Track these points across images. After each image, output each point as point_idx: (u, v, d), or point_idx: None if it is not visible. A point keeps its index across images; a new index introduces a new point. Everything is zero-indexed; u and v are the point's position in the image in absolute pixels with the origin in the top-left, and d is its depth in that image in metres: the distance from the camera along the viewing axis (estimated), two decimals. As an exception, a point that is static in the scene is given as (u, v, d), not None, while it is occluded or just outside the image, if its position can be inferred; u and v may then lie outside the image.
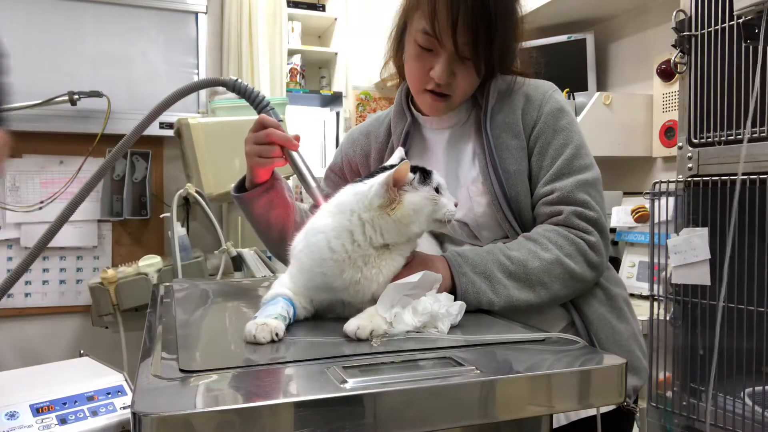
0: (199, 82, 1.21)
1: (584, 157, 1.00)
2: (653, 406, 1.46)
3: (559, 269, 0.93)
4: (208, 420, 0.52)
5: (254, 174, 1.10)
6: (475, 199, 1.03)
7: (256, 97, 1.13)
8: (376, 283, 0.82)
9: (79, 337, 2.70)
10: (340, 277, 0.82)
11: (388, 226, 0.82)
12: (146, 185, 2.70)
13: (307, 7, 3.40)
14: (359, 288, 0.82)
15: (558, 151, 1.00)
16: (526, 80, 1.08)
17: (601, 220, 0.98)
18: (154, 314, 0.97)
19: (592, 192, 0.99)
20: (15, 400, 1.26)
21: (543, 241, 0.95)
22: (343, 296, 0.84)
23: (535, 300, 0.92)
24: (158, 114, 1.13)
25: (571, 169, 0.99)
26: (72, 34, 2.66)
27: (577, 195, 0.97)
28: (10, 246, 2.61)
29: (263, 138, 1.06)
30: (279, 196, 1.14)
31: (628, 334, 1.01)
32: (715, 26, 1.33)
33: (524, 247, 0.95)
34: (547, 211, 0.99)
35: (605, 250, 0.99)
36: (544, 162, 1.01)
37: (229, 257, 2.20)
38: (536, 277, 0.92)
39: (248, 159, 1.08)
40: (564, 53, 2.42)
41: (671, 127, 2.10)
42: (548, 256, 0.93)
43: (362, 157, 1.19)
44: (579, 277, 0.95)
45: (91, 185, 1.10)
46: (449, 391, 0.59)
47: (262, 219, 1.14)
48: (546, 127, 1.01)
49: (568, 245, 0.95)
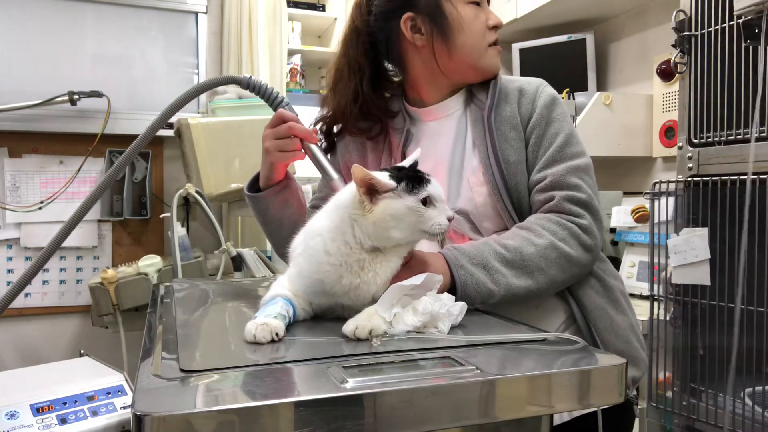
0: (214, 80, 1.20)
1: (575, 145, 1.04)
2: (653, 406, 1.46)
3: (554, 254, 0.95)
4: (208, 420, 0.52)
5: (273, 170, 1.11)
6: (476, 189, 1.04)
7: (271, 93, 1.14)
8: (375, 286, 0.82)
9: (79, 337, 2.69)
10: (338, 283, 0.82)
11: (369, 228, 0.81)
12: (146, 185, 2.70)
13: (307, 7, 3.40)
14: (359, 293, 0.82)
15: (551, 140, 1.03)
16: (516, 77, 1.14)
17: (593, 202, 1.00)
18: (154, 314, 0.97)
19: (584, 176, 1.01)
20: (15, 400, 1.26)
21: (536, 228, 0.97)
22: (343, 301, 0.84)
23: (534, 286, 0.93)
24: (170, 115, 1.12)
25: (563, 156, 1.02)
26: (72, 34, 2.66)
27: (568, 179, 1.00)
28: (10, 246, 2.60)
29: (284, 131, 1.07)
30: (293, 195, 1.15)
31: (625, 326, 1.03)
32: (715, 26, 1.33)
33: (518, 236, 0.97)
34: (540, 198, 1.01)
35: (599, 233, 1.00)
36: (539, 151, 1.04)
37: (229, 257, 2.20)
38: (533, 262, 0.94)
39: (269, 155, 1.09)
40: (564, 53, 2.42)
41: (671, 127, 2.10)
42: (542, 242, 0.95)
43: (359, 159, 1.20)
44: (575, 261, 0.96)
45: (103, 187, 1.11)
46: (449, 391, 0.59)
47: (276, 218, 1.15)
48: (541, 118, 1.05)
49: (560, 230, 0.96)
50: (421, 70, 1.12)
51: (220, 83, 1.28)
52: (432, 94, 1.14)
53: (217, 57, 2.93)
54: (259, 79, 1.14)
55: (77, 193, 2.66)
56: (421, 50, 1.10)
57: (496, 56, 1.11)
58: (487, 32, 1.09)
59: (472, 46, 1.08)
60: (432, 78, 1.12)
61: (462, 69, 1.10)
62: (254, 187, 1.16)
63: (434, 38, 1.08)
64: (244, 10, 2.89)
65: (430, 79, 1.12)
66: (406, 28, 1.09)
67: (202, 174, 2.28)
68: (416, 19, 1.09)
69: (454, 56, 1.08)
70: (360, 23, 1.14)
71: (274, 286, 0.86)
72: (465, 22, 1.07)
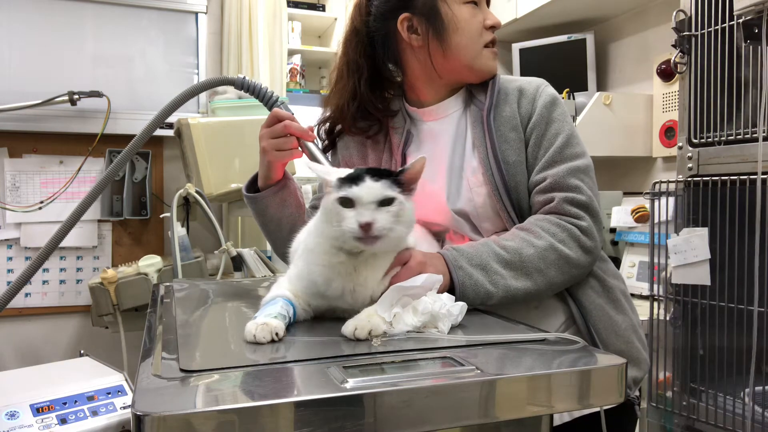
0: (209, 80, 1.21)
1: (575, 145, 1.03)
2: (653, 406, 1.46)
3: (553, 255, 0.94)
4: (208, 420, 0.52)
5: (271, 170, 1.11)
6: (475, 190, 1.04)
7: (266, 93, 1.14)
8: (368, 289, 0.82)
9: (79, 337, 2.69)
10: (330, 286, 0.82)
11: None
12: (146, 185, 2.70)
13: (307, 7, 3.39)
14: (356, 296, 0.82)
15: (551, 140, 1.03)
16: (516, 77, 1.13)
17: (593, 204, 1.00)
18: (154, 314, 0.97)
19: (584, 178, 1.01)
20: (15, 400, 1.26)
21: (535, 229, 0.97)
22: (340, 304, 0.84)
23: (532, 287, 0.93)
24: (167, 115, 1.13)
25: (563, 156, 1.01)
26: (72, 34, 2.66)
27: (568, 181, 0.99)
28: (10, 246, 2.60)
29: (280, 130, 1.07)
30: (292, 195, 1.15)
31: (626, 325, 1.02)
32: (715, 26, 1.33)
33: (518, 237, 0.96)
34: (540, 200, 1.01)
35: (599, 234, 1.00)
36: (539, 152, 1.03)
37: (229, 257, 2.20)
38: (532, 264, 0.93)
39: (266, 155, 1.09)
40: (564, 53, 2.42)
41: (671, 127, 2.10)
42: (542, 243, 0.95)
43: (360, 158, 1.20)
44: (574, 263, 0.96)
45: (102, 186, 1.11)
46: (449, 391, 0.59)
47: (275, 218, 1.15)
48: (541, 118, 1.04)
49: (560, 232, 0.96)
50: (419, 70, 1.12)
51: (213, 84, 1.29)
52: (430, 94, 1.14)
53: (217, 57, 2.93)
54: (252, 80, 1.15)
55: (77, 193, 2.66)
56: (418, 51, 1.10)
57: (491, 58, 1.10)
58: (483, 32, 1.08)
59: (467, 46, 1.08)
60: (429, 79, 1.12)
61: (457, 69, 1.10)
62: (253, 188, 1.16)
63: (430, 39, 1.08)
64: (244, 10, 2.89)
65: (428, 79, 1.12)
66: (402, 28, 1.09)
67: (202, 174, 2.28)
68: (413, 19, 1.09)
69: (449, 57, 1.08)
70: (359, 24, 1.14)
71: (274, 287, 0.86)
72: (461, 22, 1.07)
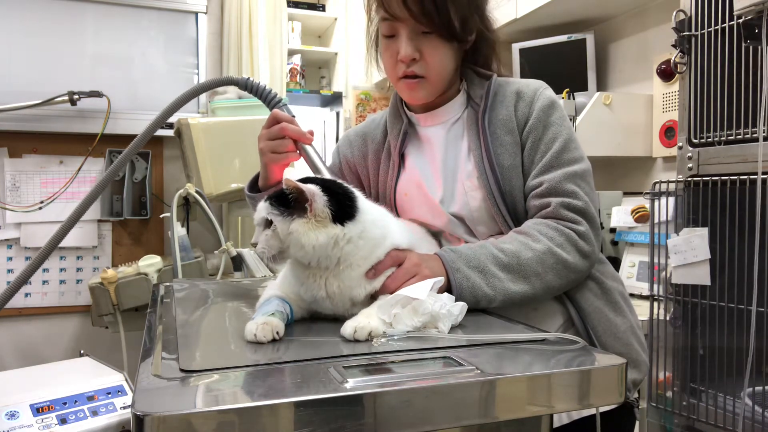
0: (213, 80, 1.20)
1: (573, 150, 1.02)
2: (653, 406, 1.46)
3: (551, 259, 0.94)
4: (208, 420, 0.52)
5: (269, 171, 1.10)
6: (471, 194, 1.04)
7: (268, 94, 1.14)
8: (347, 297, 0.82)
9: (79, 337, 2.70)
10: (307, 295, 0.83)
11: None
12: (146, 185, 2.70)
13: (307, 7, 3.40)
14: (334, 302, 0.82)
15: (548, 145, 1.02)
16: (516, 79, 1.10)
17: (590, 209, 0.99)
18: (154, 314, 0.97)
19: (581, 183, 1.00)
20: (15, 400, 1.26)
21: (533, 233, 0.96)
22: (321, 309, 0.84)
23: (530, 291, 0.93)
24: (169, 115, 1.13)
25: (560, 161, 1.00)
26: (72, 34, 2.66)
27: (564, 186, 0.99)
28: (10, 246, 2.61)
29: (277, 133, 1.07)
30: None
31: (625, 327, 1.02)
32: (715, 26, 1.32)
33: (516, 240, 0.96)
34: (536, 204, 1.00)
35: (596, 239, 1.00)
36: (536, 156, 1.02)
37: (229, 257, 2.20)
38: (530, 267, 0.93)
39: (263, 156, 1.09)
40: (564, 53, 2.42)
41: (671, 127, 2.10)
42: (540, 247, 0.94)
43: (360, 159, 1.20)
44: (572, 267, 0.96)
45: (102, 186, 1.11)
46: (449, 391, 0.59)
47: None
48: (538, 122, 1.03)
49: (558, 236, 0.96)
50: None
51: (217, 84, 1.28)
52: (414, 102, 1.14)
53: (217, 57, 2.93)
54: (256, 80, 1.15)
55: (77, 193, 2.66)
56: None
57: (406, 90, 1.07)
58: (397, 65, 1.04)
59: (388, 76, 1.10)
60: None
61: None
62: (255, 188, 1.16)
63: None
64: (244, 10, 2.89)
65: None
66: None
67: (202, 174, 2.28)
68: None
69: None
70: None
71: (267, 289, 0.87)
72: (382, 54, 1.09)
